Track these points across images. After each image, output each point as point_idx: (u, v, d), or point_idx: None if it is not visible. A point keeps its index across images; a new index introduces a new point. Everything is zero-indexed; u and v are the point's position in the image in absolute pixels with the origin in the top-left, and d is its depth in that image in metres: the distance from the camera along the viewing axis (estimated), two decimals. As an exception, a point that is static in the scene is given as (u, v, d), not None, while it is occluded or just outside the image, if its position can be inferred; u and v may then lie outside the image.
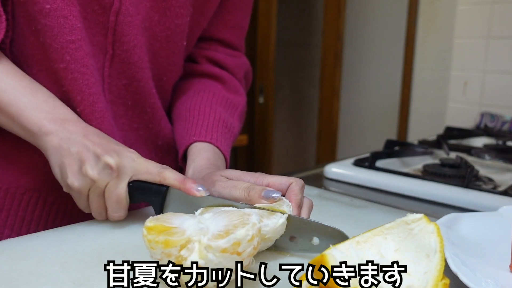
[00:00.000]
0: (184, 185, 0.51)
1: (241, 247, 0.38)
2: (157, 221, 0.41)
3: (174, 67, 0.69)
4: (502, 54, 1.43)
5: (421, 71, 1.72)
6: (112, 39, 0.60)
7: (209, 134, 0.65)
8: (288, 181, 0.52)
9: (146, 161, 0.54)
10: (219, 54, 0.76)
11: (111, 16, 0.58)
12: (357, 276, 0.35)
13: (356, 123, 2.53)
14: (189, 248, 0.39)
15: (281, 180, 0.53)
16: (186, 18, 0.65)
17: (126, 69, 0.62)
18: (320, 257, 0.36)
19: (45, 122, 0.53)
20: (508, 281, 0.44)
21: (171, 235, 0.39)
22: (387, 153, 0.95)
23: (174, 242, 0.38)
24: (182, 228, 0.40)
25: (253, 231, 0.39)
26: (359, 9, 2.45)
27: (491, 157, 0.95)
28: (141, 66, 0.63)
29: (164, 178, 0.52)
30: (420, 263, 0.38)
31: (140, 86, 0.64)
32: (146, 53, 0.63)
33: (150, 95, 0.66)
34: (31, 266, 0.44)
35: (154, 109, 0.68)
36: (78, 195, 0.53)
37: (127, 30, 0.60)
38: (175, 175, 0.52)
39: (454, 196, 0.74)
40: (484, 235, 0.52)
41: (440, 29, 1.65)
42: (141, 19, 0.60)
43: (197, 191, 0.50)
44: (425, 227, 0.40)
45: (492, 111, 1.42)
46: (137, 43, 0.61)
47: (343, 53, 2.51)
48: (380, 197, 0.78)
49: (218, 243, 0.37)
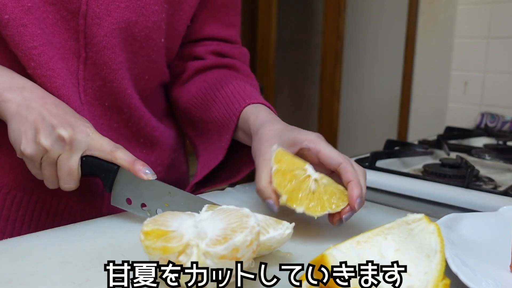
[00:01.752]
0: (133, 166, 0.53)
1: (240, 252, 0.38)
2: (154, 224, 0.41)
3: (155, 65, 0.70)
4: (502, 54, 1.43)
5: (421, 71, 1.72)
6: (84, 42, 0.61)
7: (260, 99, 0.68)
8: (337, 160, 0.54)
9: (101, 138, 0.54)
10: (222, 47, 0.78)
11: (80, 19, 0.60)
12: (357, 276, 0.35)
13: (356, 123, 2.53)
14: (188, 253, 0.38)
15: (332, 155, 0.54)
16: (161, 14, 0.66)
17: (99, 70, 0.63)
18: (320, 257, 0.36)
19: (3, 91, 0.54)
20: (508, 281, 0.44)
21: (168, 241, 0.39)
22: (387, 153, 0.95)
23: (172, 248, 0.38)
24: (180, 232, 0.40)
25: (251, 236, 0.38)
26: (359, 9, 2.45)
27: (492, 157, 0.95)
28: (112, 67, 0.64)
29: (115, 158, 0.53)
30: (421, 263, 0.38)
31: (114, 87, 0.65)
32: (120, 54, 0.64)
33: (125, 96, 0.67)
34: (31, 266, 0.44)
35: (132, 108, 0.68)
36: (30, 162, 0.54)
37: (96, 32, 0.61)
38: (126, 155, 0.54)
39: (454, 196, 0.74)
40: (484, 235, 0.52)
41: (440, 29, 1.65)
42: (113, 20, 0.61)
43: (144, 174, 0.53)
44: (426, 227, 0.40)
45: (493, 111, 1.42)
46: (106, 45, 0.62)
47: (343, 53, 2.51)
48: (380, 197, 0.78)
49: (216, 250, 0.37)
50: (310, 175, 0.53)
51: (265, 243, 0.46)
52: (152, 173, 0.53)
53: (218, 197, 0.69)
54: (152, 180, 0.53)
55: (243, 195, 0.70)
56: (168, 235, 0.40)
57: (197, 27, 0.76)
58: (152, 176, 0.53)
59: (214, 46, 0.77)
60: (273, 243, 0.47)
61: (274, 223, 0.48)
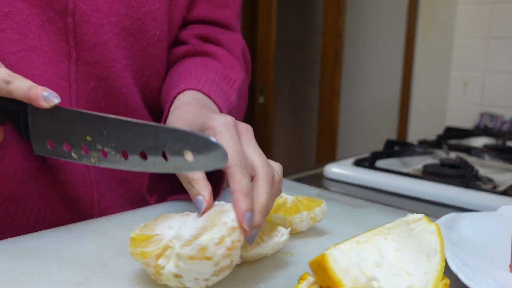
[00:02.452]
0: (28, 94, 0.41)
1: (208, 251, 0.36)
2: (143, 229, 0.41)
3: (154, 60, 0.66)
4: (502, 54, 1.43)
5: (421, 71, 1.72)
6: (74, 41, 0.58)
7: (200, 83, 0.58)
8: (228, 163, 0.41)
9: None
10: (210, 31, 0.71)
11: (68, 18, 0.57)
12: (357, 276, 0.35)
13: (356, 123, 2.53)
14: (167, 256, 0.38)
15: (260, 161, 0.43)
16: (153, 5, 0.63)
17: (91, 69, 0.60)
18: (320, 257, 0.36)
19: None
20: (508, 281, 0.44)
21: (146, 245, 0.39)
22: (387, 153, 0.95)
23: (149, 253, 0.38)
24: (162, 235, 0.40)
25: (221, 233, 0.37)
26: (359, 8, 2.45)
27: (491, 157, 0.95)
28: (105, 64, 0.61)
29: (11, 91, 0.42)
30: (421, 263, 0.38)
31: (108, 85, 0.62)
32: (113, 51, 0.61)
33: (121, 94, 0.63)
34: (31, 266, 0.44)
35: (128, 108, 0.65)
36: None
37: (85, 29, 0.58)
38: (22, 83, 0.42)
39: (454, 196, 0.74)
40: (484, 235, 0.52)
41: (440, 29, 1.65)
42: (101, 15, 0.59)
43: (43, 100, 0.41)
44: (426, 227, 0.40)
45: (492, 111, 1.42)
46: (97, 41, 0.59)
47: (343, 53, 2.51)
48: (380, 197, 0.78)
49: (185, 251, 0.36)
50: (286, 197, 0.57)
51: (260, 252, 0.45)
52: (53, 95, 0.41)
53: (218, 198, 0.68)
54: (61, 108, 0.41)
55: (243, 195, 0.70)
56: (149, 239, 0.40)
57: (188, 10, 0.70)
58: (53, 98, 0.41)
59: (200, 29, 0.71)
60: (268, 251, 0.46)
61: (268, 230, 0.47)
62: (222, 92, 0.61)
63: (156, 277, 0.39)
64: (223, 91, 0.61)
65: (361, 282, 0.35)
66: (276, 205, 0.56)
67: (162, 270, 0.38)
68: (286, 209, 0.54)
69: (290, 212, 0.54)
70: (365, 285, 0.34)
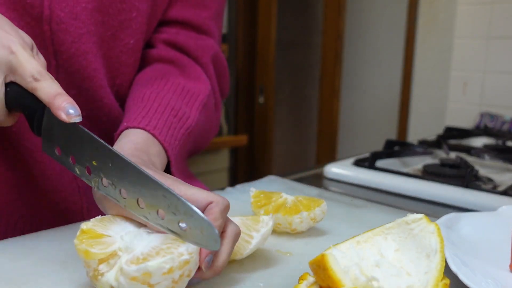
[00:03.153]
0: (53, 101, 0.40)
1: (153, 279, 0.35)
2: (97, 222, 0.40)
3: (126, 69, 0.64)
4: (502, 54, 1.43)
5: (421, 71, 1.72)
6: (52, 49, 0.56)
7: (145, 120, 0.54)
8: (206, 199, 0.41)
9: (29, 58, 0.41)
10: (179, 37, 0.67)
11: (44, 25, 0.54)
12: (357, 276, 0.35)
13: (356, 123, 2.53)
14: (110, 264, 0.36)
15: (199, 195, 0.42)
16: (130, 13, 0.60)
17: (72, 78, 0.58)
18: (320, 257, 0.36)
19: None
20: (508, 281, 0.44)
21: (93, 245, 0.37)
22: (387, 153, 0.95)
23: (93, 254, 0.36)
24: (114, 239, 0.38)
25: (172, 264, 0.35)
26: (359, 9, 2.45)
27: (491, 157, 0.95)
28: (85, 75, 0.58)
29: (35, 88, 0.40)
30: (421, 263, 0.38)
31: (90, 95, 0.59)
32: (93, 60, 0.58)
33: (103, 104, 0.61)
34: (31, 266, 0.44)
35: (111, 117, 0.63)
36: None
37: (63, 38, 0.55)
38: (49, 86, 0.41)
39: (454, 196, 0.74)
40: (484, 235, 0.52)
41: (440, 29, 1.65)
42: (80, 24, 0.56)
43: (65, 113, 0.40)
44: (426, 227, 0.40)
45: (492, 111, 1.42)
46: (75, 51, 0.56)
47: (343, 53, 2.51)
48: (380, 197, 0.78)
49: (130, 269, 0.34)
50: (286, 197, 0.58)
51: (253, 248, 0.45)
52: (76, 112, 0.40)
53: (218, 197, 0.68)
54: (78, 126, 0.41)
55: (243, 195, 0.70)
56: (99, 239, 0.38)
57: (164, 10, 0.67)
58: (75, 117, 0.40)
59: (170, 35, 0.67)
60: (260, 244, 0.46)
61: (253, 224, 0.46)
62: (172, 127, 0.57)
63: (92, 280, 0.37)
64: (178, 116, 0.58)
65: (361, 282, 0.35)
66: (276, 205, 0.56)
67: (100, 277, 0.36)
68: (286, 209, 0.54)
69: (290, 212, 0.54)
70: (365, 285, 0.34)
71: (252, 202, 0.57)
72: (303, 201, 0.56)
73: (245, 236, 0.45)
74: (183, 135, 0.58)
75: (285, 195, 0.57)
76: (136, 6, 0.60)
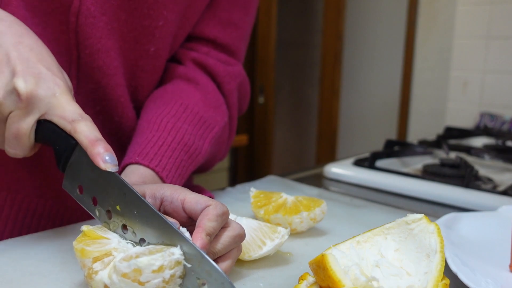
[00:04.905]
0: (92, 146, 0.41)
1: (143, 276, 0.34)
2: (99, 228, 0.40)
3: (143, 74, 0.63)
4: (501, 54, 1.43)
5: (421, 71, 1.72)
6: (76, 41, 0.55)
7: (156, 159, 0.54)
8: (205, 203, 0.42)
9: (69, 101, 0.43)
10: (210, 59, 0.67)
11: (71, 17, 0.54)
12: (357, 276, 0.35)
13: (356, 123, 2.53)
14: (105, 262, 0.37)
15: (198, 199, 0.43)
16: (156, 21, 0.59)
17: (92, 73, 0.58)
18: (320, 256, 0.36)
19: None
20: (508, 281, 0.44)
21: (89, 244, 0.37)
22: (387, 153, 0.95)
23: (88, 252, 0.37)
24: (112, 241, 0.39)
25: (162, 261, 0.35)
26: (359, 9, 2.45)
27: (491, 157, 0.95)
28: (106, 72, 0.58)
29: (75, 130, 0.42)
30: (421, 263, 0.38)
31: (106, 93, 0.59)
32: (115, 58, 0.58)
33: (118, 104, 0.61)
34: (31, 266, 0.44)
35: (123, 118, 0.62)
36: None
37: (90, 32, 0.55)
38: (89, 131, 0.42)
39: (454, 196, 0.74)
40: (484, 235, 0.52)
41: (440, 29, 1.65)
42: (107, 20, 0.56)
43: (102, 161, 0.41)
44: (426, 227, 0.40)
45: (492, 111, 1.43)
46: (101, 47, 0.56)
47: (343, 53, 2.51)
48: (380, 197, 0.78)
49: (121, 266, 0.35)
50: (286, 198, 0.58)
51: (262, 254, 0.46)
52: (113, 162, 0.41)
53: (218, 197, 0.69)
54: (110, 172, 0.41)
55: (243, 195, 0.70)
56: (97, 239, 0.38)
57: (194, 24, 0.66)
58: (111, 166, 0.41)
59: (201, 55, 0.66)
60: (270, 252, 0.46)
61: (269, 232, 0.47)
62: (182, 165, 0.57)
63: (87, 280, 0.37)
64: (189, 152, 0.58)
65: (361, 282, 0.35)
66: (276, 205, 0.56)
67: (94, 275, 0.36)
68: (286, 209, 0.54)
69: (290, 212, 0.54)
70: (365, 285, 0.34)
71: (252, 202, 0.57)
72: (303, 201, 0.56)
73: (258, 241, 0.46)
74: (191, 171, 0.59)
75: (285, 195, 0.57)
76: (164, 15, 0.59)
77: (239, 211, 0.52)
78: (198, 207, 0.42)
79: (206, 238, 0.38)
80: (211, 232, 0.39)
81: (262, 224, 0.48)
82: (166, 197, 0.44)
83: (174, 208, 0.44)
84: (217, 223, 0.40)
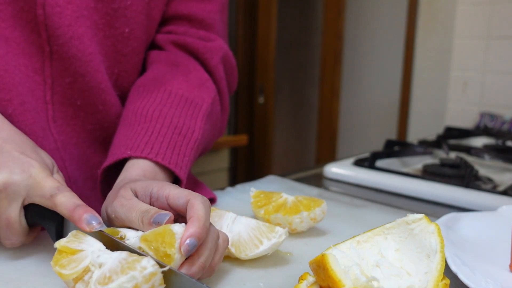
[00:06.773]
0: (72, 214, 0.42)
1: None
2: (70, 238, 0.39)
3: (124, 58, 0.63)
4: (501, 54, 1.43)
5: (421, 71, 1.72)
6: (46, 34, 0.56)
7: (148, 146, 0.54)
8: (186, 197, 0.43)
9: (45, 178, 0.45)
10: (188, 38, 0.67)
11: (38, 10, 0.54)
12: (357, 276, 0.35)
13: (356, 123, 2.53)
14: (85, 281, 0.37)
15: (180, 194, 0.44)
16: (124, 1, 0.60)
17: (67, 65, 0.57)
18: (320, 256, 0.36)
19: None
20: (508, 281, 0.44)
21: (65, 266, 0.37)
22: (387, 153, 0.95)
23: (66, 276, 0.37)
24: (85, 254, 0.38)
25: (136, 281, 0.34)
26: (359, 9, 2.45)
27: (491, 157, 0.95)
28: (82, 59, 0.58)
29: (55, 204, 0.43)
30: (421, 263, 0.38)
31: (86, 81, 0.59)
32: (89, 45, 0.58)
33: (99, 91, 0.61)
34: (31, 266, 0.44)
35: (107, 105, 0.62)
36: None
37: (59, 21, 0.55)
38: (67, 200, 0.43)
39: (454, 196, 0.74)
40: (484, 235, 0.52)
41: (440, 29, 1.65)
42: (74, 8, 0.56)
43: (86, 224, 0.41)
44: (426, 227, 0.40)
45: (492, 111, 1.43)
46: (72, 35, 0.56)
47: (343, 53, 2.51)
48: (380, 197, 0.78)
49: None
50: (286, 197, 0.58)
51: (259, 253, 0.46)
52: (96, 221, 0.42)
53: (218, 197, 0.68)
54: (102, 233, 0.42)
55: (243, 195, 0.70)
56: (73, 255, 0.38)
57: (167, 4, 0.66)
58: (96, 225, 0.42)
59: (180, 36, 0.67)
60: (267, 252, 0.46)
61: (267, 231, 0.47)
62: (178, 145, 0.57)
63: None
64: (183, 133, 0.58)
65: (361, 282, 0.35)
66: (276, 205, 0.56)
67: None
68: (286, 209, 0.54)
69: (290, 212, 0.54)
70: (365, 285, 0.34)
71: (252, 202, 0.57)
72: (303, 201, 0.56)
73: (255, 240, 0.46)
74: (192, 149, 0.58)
75: (285, 195, 0.58)
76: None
77: (239, 211, 0.52)
78: (180, 202, 0.43)
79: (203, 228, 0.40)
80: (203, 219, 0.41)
81: (260, 224, 0.48)
82: (153, 194, 0.45)
83: (160, 205, 0.45)
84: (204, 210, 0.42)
